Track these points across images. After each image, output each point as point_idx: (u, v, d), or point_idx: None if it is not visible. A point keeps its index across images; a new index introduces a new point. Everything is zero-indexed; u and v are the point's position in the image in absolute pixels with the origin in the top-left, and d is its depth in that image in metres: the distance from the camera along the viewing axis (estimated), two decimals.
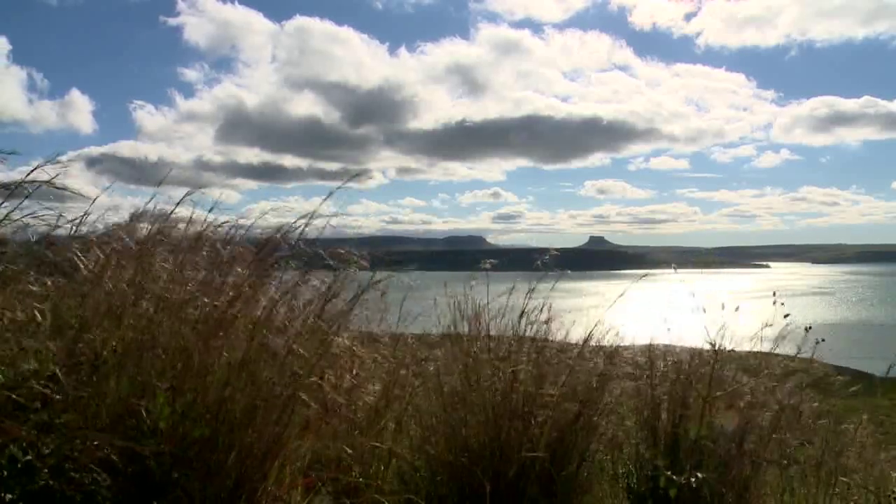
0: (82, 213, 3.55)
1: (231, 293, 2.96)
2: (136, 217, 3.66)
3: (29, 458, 2.23)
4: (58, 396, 2.35)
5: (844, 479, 4.35)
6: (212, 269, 3.12)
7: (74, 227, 3.48)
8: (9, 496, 2.18)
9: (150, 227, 3.47)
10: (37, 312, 2.72)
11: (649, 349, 4.30)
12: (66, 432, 2.35)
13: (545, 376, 3.67)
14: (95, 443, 2.34)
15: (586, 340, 3.95)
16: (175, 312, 2.86)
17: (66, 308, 2.85)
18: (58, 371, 2.40)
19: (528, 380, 3.63)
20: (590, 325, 3.93)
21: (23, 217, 3.09)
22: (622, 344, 4.19)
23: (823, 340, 4.27)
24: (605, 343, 4.02)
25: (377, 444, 3.45)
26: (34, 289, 2.90)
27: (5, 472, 2.20)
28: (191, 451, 2.64)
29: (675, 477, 3.57)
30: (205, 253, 3.26)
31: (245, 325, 2.93)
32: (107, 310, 2.83)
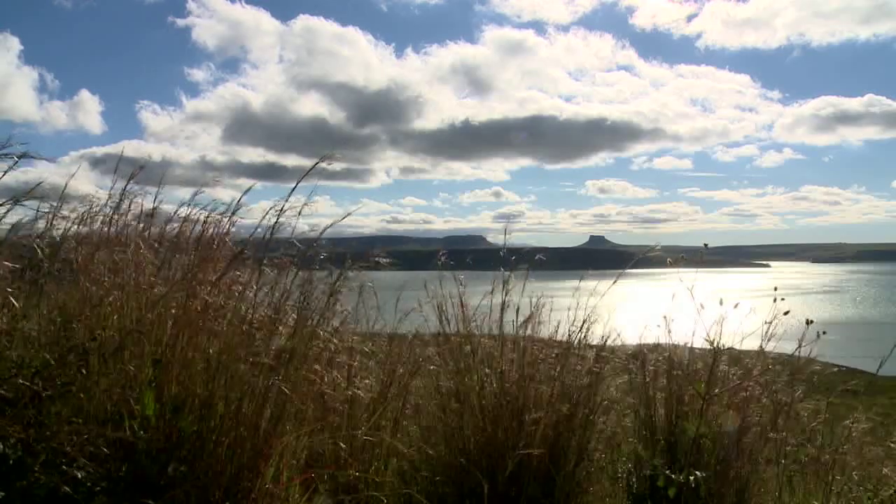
0: (79, 212, 3.58)
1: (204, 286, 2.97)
2: (137, 216, 3.69)
3: (20, 454, 2.22)
4: (47, 392, 2.36)
5: (841, 478, 4.34)
6: (192, 263, 3.14)
7: (74, 225, 3.51)
8: (0, 493, 2.18)
9: (144, 224, 3.49)
10: (19, 302, 2.74)
11: (640, 346, 4.29)
12: (56, 426, 2.35)
13: (533, 376, 3.66)
14: (86, 436, 2.35)
15: (588, 341, 3.94)
16: (154, 304, 2.88)
17: (52, 300, 2.88)
18: (49, 357, 2.41)
19: (519, 380, 3.62)
20: (582, 322, 3.91)
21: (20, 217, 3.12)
22: (617, 341, 4.18)
23: (825, 333, 4.24)
24: (598, 340, 4.00)
25: (370, 437, 3.44)
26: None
27: None
28: (183, 446, 2.65)
29: (673, 476, 3.56)
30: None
31: (226, 317, 2.94)
32: (89, 300, 2.85)
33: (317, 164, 3.14)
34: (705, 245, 4.52)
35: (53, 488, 2.26)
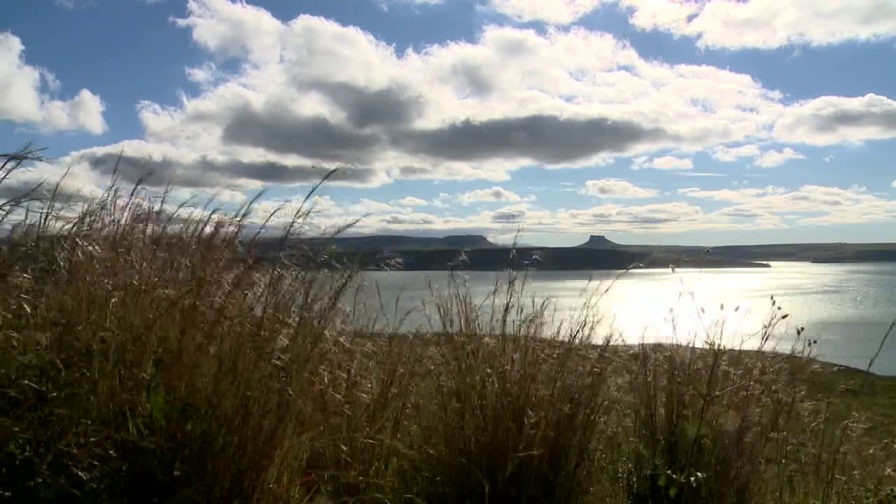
0: (82, 212, 3.59)
1: (206, 288, 2.98)
2: (137, 216, 3.69)
3: (27, 454, 2.22)
4: (53, 394, 2.36)
5: (842, 478, 4.34)
6: (195, 264, 3.15)
7: (73, 226, 3.51)
8: (7, 494, 2.18)
9: (146, 225, 3.50)
10: (25, 304, 2.74)
11: (643, 346, 4.29)
12: (61, 428, 2.35)
13: (535, 375, 3.67)
14: (93, 439, 2.35)
15: (590, 341, 3.94)
16: (158, 306, 2.89)
17: (53, 301, 2.88)
18: (56, 360, 2.41)
19: (521, 380, 3.62)
20: (583, 322, 3.91)
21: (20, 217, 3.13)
22: (619, 341, 4.18)
23: (815, 342, 4.26)
24: (599, 340, 4.01)
25: (372, 440, 3.45)
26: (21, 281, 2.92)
27: (3, 469, 2.20)
28: (188, 448, 2.65)
29: (674, 476, 3.56)
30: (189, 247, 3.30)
31: (232, 320, 2.95)
32: (91, 302, 2.86)
33: (331, 172, 3.16)
34: (707, 252, 4.54)
35: (58, 488, 2.26)
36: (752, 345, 4.19)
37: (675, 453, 3.92)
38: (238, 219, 3.39)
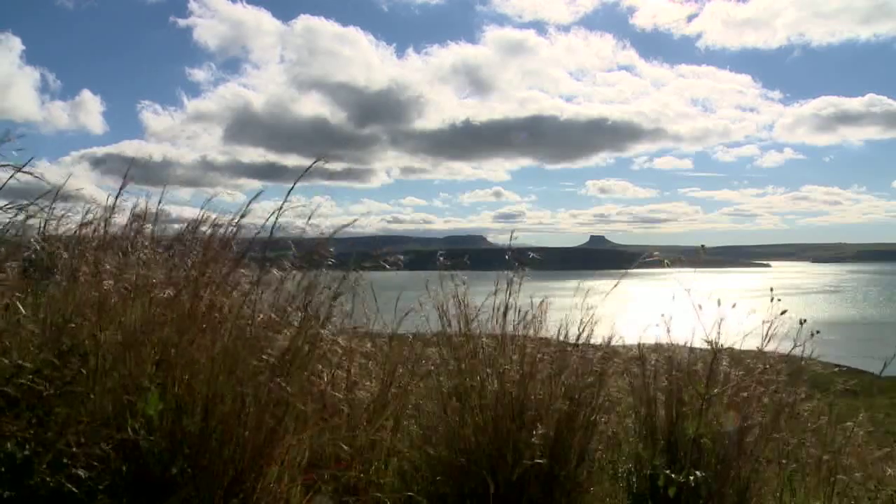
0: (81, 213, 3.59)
1: (200, 286, 2.98)
2: (137, 216, 3.70)
3: (27, 452, 2.23)
4: (50, 392, 2.36)
5: (843, 478, 4.34)
6: (189, 263, 3.15)
7: (74, 227, 3.52)
8: (7, 493, 2.18)
9: (146, 225, 3.51)
10: (19, 303, 2.74)
11: (640, 346, 4.29)
12: (60, 427, 2.35)
13: (534, 375, 3.67)
14: (84, 438, 2.35)
15: (590, 341, 3.94)
16: (154, 305, 2.89)
17: (52, 300, 2.88)
18: (52, 358, 2.41)
19: (520, 379, 3.62)
20: (582, 322, 3.92)
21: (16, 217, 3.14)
22: (619, 342, 4.18)
23: (819, 332, 4.24)
24: (599, 340, 4.01)
25: (375, 438, 3.45)
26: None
27: (2, 469, 2.20)
28: (185, 446, 2.65)
29: (674, 476, 3.57)
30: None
31: (229, 318, 2.96)
32: (97, 304, 2.86)
33: (313, 164, 3.17)
34: (703, 247, 4.53)
35: (57, 487, 2.27)
36: (752, 344, 4.19)
37: (674, 453, 3.92)
38: (236, 219, 3.39)
